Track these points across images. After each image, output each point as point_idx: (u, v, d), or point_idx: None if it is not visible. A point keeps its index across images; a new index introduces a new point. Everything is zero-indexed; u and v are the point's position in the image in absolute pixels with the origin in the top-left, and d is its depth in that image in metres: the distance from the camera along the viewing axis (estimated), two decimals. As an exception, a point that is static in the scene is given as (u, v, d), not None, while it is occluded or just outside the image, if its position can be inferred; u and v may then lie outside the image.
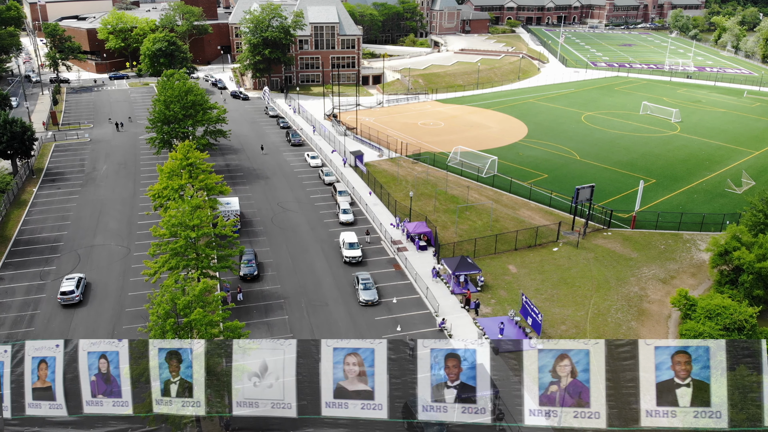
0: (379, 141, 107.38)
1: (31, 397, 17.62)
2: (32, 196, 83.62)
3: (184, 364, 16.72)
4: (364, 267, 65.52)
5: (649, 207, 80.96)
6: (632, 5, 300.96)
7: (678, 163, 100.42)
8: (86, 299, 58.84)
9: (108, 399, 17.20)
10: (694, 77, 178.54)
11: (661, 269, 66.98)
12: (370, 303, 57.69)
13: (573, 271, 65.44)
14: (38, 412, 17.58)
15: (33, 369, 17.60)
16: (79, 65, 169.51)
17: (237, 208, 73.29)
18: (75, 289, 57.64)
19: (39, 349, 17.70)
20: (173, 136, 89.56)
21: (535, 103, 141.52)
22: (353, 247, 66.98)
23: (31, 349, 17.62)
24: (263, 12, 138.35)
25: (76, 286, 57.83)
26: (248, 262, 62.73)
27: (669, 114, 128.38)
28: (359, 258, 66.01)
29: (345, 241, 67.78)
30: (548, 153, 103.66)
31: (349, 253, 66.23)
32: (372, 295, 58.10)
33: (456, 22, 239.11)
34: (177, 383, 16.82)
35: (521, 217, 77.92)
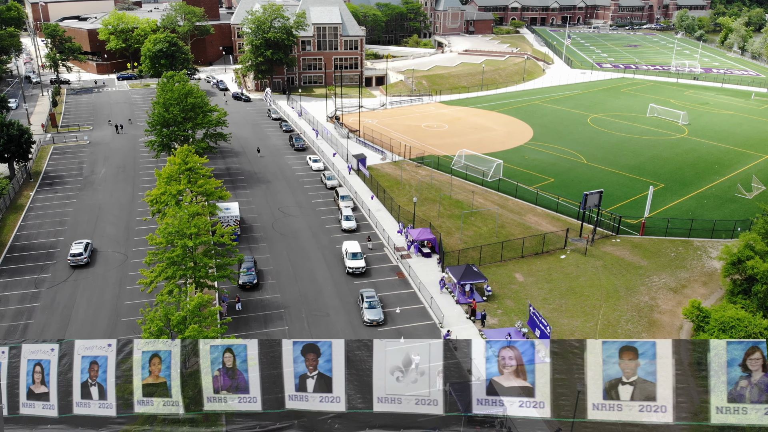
0: (382, 144, 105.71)
1: (141, 394, 17.60)
2: (29, 200, 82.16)
3: (323, 357, 16.65)
4: (367, 277, 63.45)
5: (658, 213, 79.18)
6: (637, 6, 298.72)
7: (687, 167, 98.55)
8: (80, 307, 57.36)
9: (233, 395, 17.10)
10: (701, 79, 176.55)
11: (671, 278, 65.20)
12: (375, 323, 54.89)
13: (581, 280, 63.69)
14: (149, 409, 17.73)
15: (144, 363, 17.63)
16: (79, 66, 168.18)
17: (237, 214, 71.67)
18: (83, 251, 65.48)
19: (149, 344, 17.84)
20: (173, 139, 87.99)
21: (541, 105, 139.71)
22: (356, 257, 64.57)
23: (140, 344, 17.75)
24: (265, 12, 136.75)
25: (84, 249, 65.86)
26: (248, 270, 61.13)
27: (676, 116, 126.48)
28: (363, 269, 63.75)
29: (348, 251, 65.40)
30: (554, 156, 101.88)
31: (352, 263, 63.90)
32: (377, 315, 55.22)
33: (460, 22, 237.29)
34: (314, 378, 16.74)
35: (528, 223, 76.17)
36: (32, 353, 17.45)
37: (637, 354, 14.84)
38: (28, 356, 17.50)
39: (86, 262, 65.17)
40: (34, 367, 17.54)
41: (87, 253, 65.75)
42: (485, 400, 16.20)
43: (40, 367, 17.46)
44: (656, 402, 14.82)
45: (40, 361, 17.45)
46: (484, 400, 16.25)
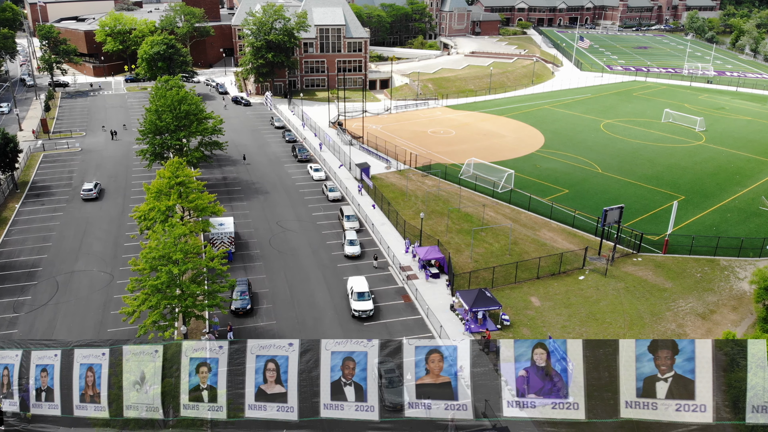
0: (387, 151, 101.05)
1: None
2: (14, 213, 77.68)
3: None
4: (375, 319, 55.66)
5: (680, 228, 74.31)
6: (646, 6, 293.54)
7: (707, 177, 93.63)
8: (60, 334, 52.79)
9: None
10: (715, 82, 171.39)
11: (698, 302, 60.35)
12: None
13: (602, 305, 58.91)
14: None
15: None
16: (76, 68, 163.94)
17: (231, 230, 66.95)
18: (93, 188, 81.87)
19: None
20: (165, 148, 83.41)
21: (551, 110, 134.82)
22: (363, 297, 56.29)
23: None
24: (265, 13, 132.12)
25: (93, 187, 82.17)
26: (241, 295, 56.40)
27: (693, 122, 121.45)
28: (371, 311, 55.57)
29: (354, 291, 56.92)
30: (567, 165, 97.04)
31: (359, 305, 55.73)
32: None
33: (466, 23, 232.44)
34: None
35: (542, 239, 71.39)
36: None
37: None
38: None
39: (95, 197, 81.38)
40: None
41: (96, 190, 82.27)
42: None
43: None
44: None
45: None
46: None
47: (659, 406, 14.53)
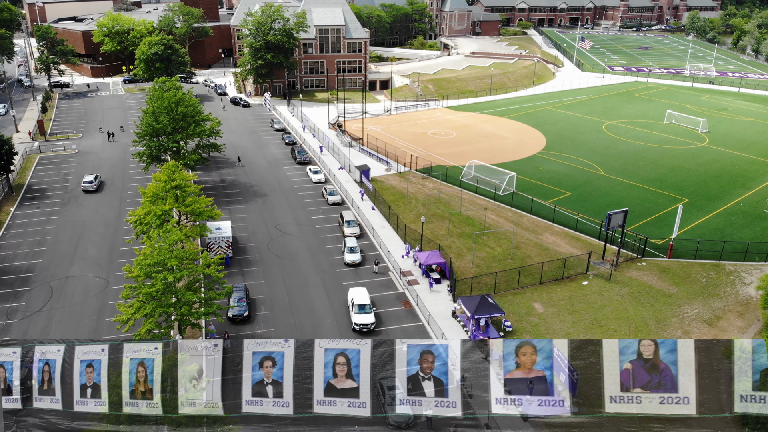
0: (387, 153, 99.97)
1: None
2: (9, 216, 76.57)
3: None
4: (376, 335, 53.87)
5: (684, 231, 73.21)
6: (647, 6, 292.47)
7: (711, 180, 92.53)
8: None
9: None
10: (717, 83, 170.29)
11: (704, 308, 59.25)
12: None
13: (606, 311, 57.80)
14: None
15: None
16: (73, 69, 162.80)
17: (229, 234, 65.78)
18: (93, 180, 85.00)
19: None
20: (162, 150, 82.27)
21: (552, 111, 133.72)
22: (364, 310, 54.21)
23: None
24: (264, 14, 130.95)
25: (94, 179, 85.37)
26: (238, 301, 55.28)
27: (696, 124, 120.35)
28: (372, 325, 53.55)
29: (354, 303, 54.90)
30: (570, 167, 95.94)
31: (359, 319, 53.70)
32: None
33: (466, 23, 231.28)
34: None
35: (545, 243, 70.28)
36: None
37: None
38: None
39: (95, 189, 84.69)
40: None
41: (96, 182, 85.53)
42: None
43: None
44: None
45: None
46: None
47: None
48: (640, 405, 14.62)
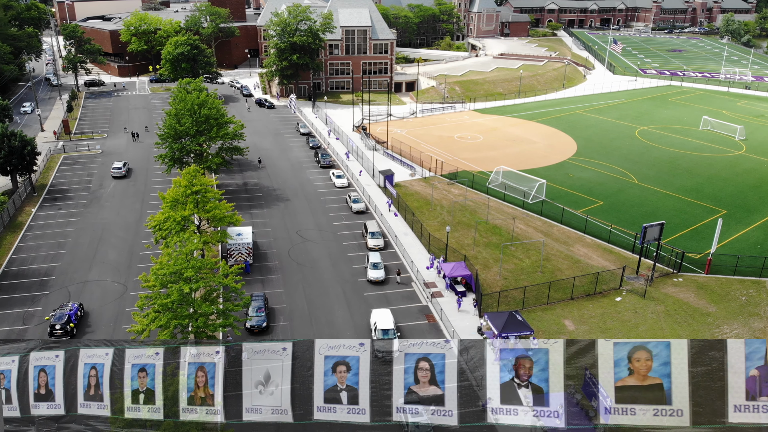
0: (412, 157, 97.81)
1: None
2: (30, 217, 76.06)
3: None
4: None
5: (722, 245, 69.83)
6: (680, 8, 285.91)
7: (749, 190, 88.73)
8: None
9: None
10: (753, 88, 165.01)
11: (744, 328, 56.08)
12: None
13: (641, 330, 54.99)
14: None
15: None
16: (100, 68, 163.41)
17: (249, 241, 64.20)
18: (122, 167, 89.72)
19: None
20: (185, 153, 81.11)
21: (583, 115, 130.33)
22: (387, 335, 51.10)
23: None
24: (290, 14, 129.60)
25: (122, 165, 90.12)
26: (257, 311, 53.61)
27: (732, 131, 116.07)
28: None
29: (377, 327, 51.75)
30: (601, 175, 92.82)
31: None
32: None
33: (495, 24, 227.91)
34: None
35: (576, 256, 67.53)
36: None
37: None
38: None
39: (124, 175, 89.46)
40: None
41: (125, 168, 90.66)
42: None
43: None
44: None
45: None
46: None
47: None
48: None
